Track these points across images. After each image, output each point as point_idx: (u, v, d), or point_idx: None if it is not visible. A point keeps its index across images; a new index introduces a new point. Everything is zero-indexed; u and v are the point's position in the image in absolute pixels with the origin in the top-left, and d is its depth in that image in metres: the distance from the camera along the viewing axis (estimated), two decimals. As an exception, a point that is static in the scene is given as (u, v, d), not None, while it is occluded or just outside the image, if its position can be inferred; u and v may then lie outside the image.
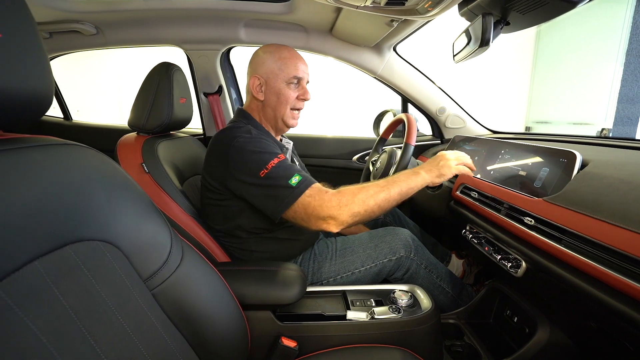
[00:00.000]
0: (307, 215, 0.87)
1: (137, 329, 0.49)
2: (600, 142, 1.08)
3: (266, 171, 0.88)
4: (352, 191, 0.89)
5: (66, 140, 0.51)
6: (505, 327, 1.07)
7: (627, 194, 0.63)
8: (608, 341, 0.70)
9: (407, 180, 0.93)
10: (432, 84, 1.66)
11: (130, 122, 1.11)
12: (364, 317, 0.85)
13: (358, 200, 0.87)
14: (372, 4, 0.88)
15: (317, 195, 0.87)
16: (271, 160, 0.90)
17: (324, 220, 0.87)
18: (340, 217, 0.86)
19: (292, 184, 0.88)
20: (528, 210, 0.81)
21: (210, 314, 0.62)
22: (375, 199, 0.88)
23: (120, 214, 0.51)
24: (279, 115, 1.06)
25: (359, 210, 0.87)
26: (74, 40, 1.56)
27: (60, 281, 0.41)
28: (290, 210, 0.88)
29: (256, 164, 0.90)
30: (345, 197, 0.87)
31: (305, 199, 0.87)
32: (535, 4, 0.73)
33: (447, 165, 0.97)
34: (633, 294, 0.55)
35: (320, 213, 0.86)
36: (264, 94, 1.05)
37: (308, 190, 0.88)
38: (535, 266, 0.78)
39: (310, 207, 0.86)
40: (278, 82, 1.03)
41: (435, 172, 0.96)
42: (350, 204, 0.86)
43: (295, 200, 0.87)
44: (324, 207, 0.86)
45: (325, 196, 0.87)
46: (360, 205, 0.87)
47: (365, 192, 0.88)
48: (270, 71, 1.03)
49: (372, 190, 0.89)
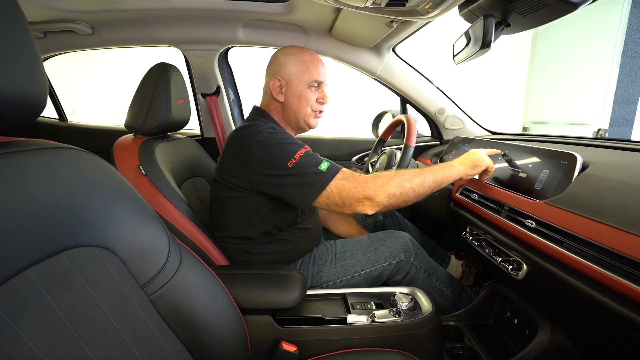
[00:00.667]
0: (342, 198, 0.86)
1: (134, 336, 0.47)
2: (599, 144, 1.08)
3: (294, 161, 0.87)
4: (388, 175, 0.88)
5: (61, 143, 0.50)
6: (505, 329, 1.07)
7: (628, 196, 0.63)
8: (610, 344, 0.69)
9: (442, 169, 0.94)
10: (431, 85, 1.65)
11: (127, 123, 1.10)
12: (365, 321, 0.85)
13: (394, 182, 0.86)
14: (372, 5, 0.88)
15: (351, 178, 0.87)
16: (298, 150, 0.89)
17: (360, 201, 0.86)
18: (377, 198, 0.85)
19: (322, 169, 0.87)
20: (529, 213, 0.80)
21: (209, 319, 0.61)
22: (410, 182, 0.88)
23: (117, 219, 0.50)
24: (300, 116, 1.06)
25: (395, 192, 0.86)
26: (69, 40, 1.54)
27: (54, 289, 0.40)
28: (322, 196, 0.87)
29: (283, 155, 0.89)
30: (381, 178, 0.87)
31: (339, 182, 0.86)
32: (536, 5, 0.72)
33: (480, 158, 0.98)
34: (635, 296, 0.55)
35: (356, 194, 0.85)
36: (284, 95, 1.04)
37: (340, 174, 0.87)
38: (536, 269, 0.78)
39: (345, 190, 0.86)
40: (300, 85, 1.03)
41: (470, 164, 0.97)
42: (387, 185, 0.85)
43: (328, 184, 0.86)
44: (359, 188, 0.85)
45: (359, 178, 0.87)
46: (396, 187, 0.86)
47: (400, 176, 0.88)
48: (292, 73, 1.03)
49: (407, 175, 0.89)
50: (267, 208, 0.99)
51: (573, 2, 0.67)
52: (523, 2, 0.74)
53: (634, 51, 4.49)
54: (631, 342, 0.61)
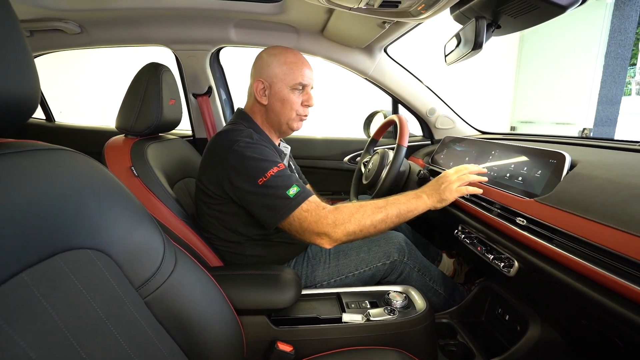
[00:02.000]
0: (302, 229, 0.87)
1: (129, 338, 0.47)
2: (585, 143, 1.10)
3: (265, 179, 0.87)
4: (350, 210, 0.88)
5: (53, 144, 0.49)
6: (497, 325, 1.09)
7: (616, 194, 0.65)
8: (599, 338, 0.71)
9: (408, 203, 0.92)
10: (422, 85, 1.67)
11: (118, 124, 1.08)
12: (360, 320, 0.85)
13: (354, 219, 0.86)
14: (365, 6, 0.88)
15: (314, 211, 0.86)
16: (270, 169, 0.88)
17: (319, 235, 0.86)
18: (335, 235, 0.86)
19: (290, 195, 0.86)
20: (520, 211, 0.82)
21: (204, 320, 0.61)
22: (372, 219, 0.87)
23: (111, 221, 0.49)
24: (283, 120, 1.04)
25: (354, 230, 0.86)
26: (57, 39, 1.51)
27: (49, 293, 0.40)
28: (285, 222, 0.87)
29: (255, 171, 0.88)
30: (342, 215, 0.86)
31: (302, 213, 0.86)
32: (526, 8, 0.74)
33: (448, 189, 0.94)
34: (624, 292, 0.56)
35: (315, 229, 0.86)
36: (267, 98, 1.02)
37: (305, 204, 0.87)
38: (527, 266, 0.79)
39: (306, 222, 0.86)
40: (283, 88, 1.00)
41: (437, 197, 0.94)
42: (347, 223, 0.86)
43: (292, 212, 0.86)
44: (319, 223, 0.85)
45: (322, 212, 0.86)
46: (356, 225, 0.86)
47: (362, 212, 0.88)
48: (275, 75, 1.00)
49: (369, 210, 0.88)
50: (245, 215, 0.98)
51: (561, 5, 0.69)
52: (513, 4, 0.75)
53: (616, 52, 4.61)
54: (619, 335, 0.63)
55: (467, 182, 0.96)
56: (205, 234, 1.05)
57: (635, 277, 0.54)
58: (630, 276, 0.55)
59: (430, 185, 0.98)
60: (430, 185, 0.98)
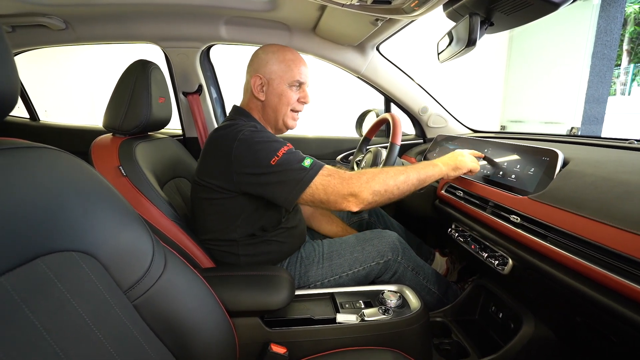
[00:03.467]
0: (327, 194, 0.86)
1: (117, 344, 0.45)
2: (576, 141, 1.11)
3: (277, 158, 0.87)
4: (372, 171, 0.90)
5: (35, 142, 0.47)
6: (491, 323, 1.09)
7: (609, 191, 0.65)
8: (592, 334, 0.71)
9: (426, 168, 0.96)
10: (415, 84, 1.67)
11: (105, 122, 1.05)
12: (354, 320, 0.84)
13: (379, 179, 0.88)
14: (358, 2, 0.87)
15: (335, 174, 0.87)
16: (281, 148, 0.88)
17: (345, 198, 0.86)
18: (362, 194, 0.86)
19: (306, 165, 0.87)
20: (514, 209, 0.82)
21: (195, 323, 0.59)
22: (395, 180, 0.89)
23: (97, 222, 0.47)
24: (279, 115, 1.05)
25: (379, 189, 0.87)
26: (41, 35, 1.47)
27: (30, 298, 0.38)
28: (306, 193, 0.86)
29: (266, 152, 0.88)
30: (366, 175, 0.88)
31: (324, 179, 0.86)
32: (519, 5, 0.74)
33: (463, 160, 1.00)
34: (617, 288, 0.56)
35: (341, 191, 0.86)
36: (265, 94, 1.03)
37: (324, 170, 0.88)
38: (521, 263, 0.80)
39: (330, 186, 0.86)
40: (281, 84, 1.02)
41: (452, 165, 0.99)
42: (371, 182, 0.87)
43: (312, 180, 0.86)
44: (344, 184, 0.86)
45: (344, 174, 0.88)
46: (380, 184, 0.88)
47: (385, 173, 0.90)
48: (274, 72, 1.02)
49: (392, 172, 0.91)
50: (250, 209, 0.97)
51: (554, 2, 0.69)
52: (507, 1, 0.75)
53: (602, 53, 4.70)
54: (613, 331, 0.63)
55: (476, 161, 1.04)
56: (200, 234, 1.03)
57: (630, 274, 0.54)
58: (625, 273, 0.55)
59: (445, 156, 1.03)
60: (445, 156, 1.03)
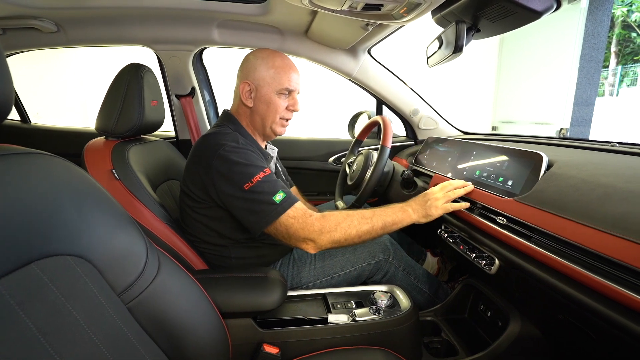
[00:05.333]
0: (289, 234, 0.88)
1: (111, 346, 0.46)
2: (562, 143, 1.14)
3: (251, 185, 0.87)
4: (337, 218, 0.89)
5: (28, 148, 0.47)
6: (479, 321, 1.11)
7: (589, 193, 0.68)
8: (574, 331, 0.74)
9: (394, 215, 0.94)
10: (406, 87, 1.69)
11: (98, 125, 1.06)
12: (345, 320, 0.86)
13: (340, 228, 0.88)
14: (348, 8, 0.89)
15: (300, 217, 0.88)
16: (257, 174, 0.88)
17: (304, 241, 0.88)
18: (320, 242, 0.88)
19: (277, 200, 0.87)
20: (500, 210, 0.84)
21: (189, 325, 0.60)
22: (357, 229, 0.89)
23: (91, 226, 0.48)
24: (267, 123, 1.04)
25: (339, 239, 0.88)
26: (32, 38, 1.46)
27: (25, 302, 0.39)
28: (271, 227, 0.88)
29: (241, 176, 0.88)
30: (329, 223, 0.88)
31: (289, 219, 0.87)
32: (504, 12, 0.76)
33: (434, 206, 0.96)
34: (596, 287, 0.59)
35: (301, 235, 0.87)
36: (253, 100, 1.02)
37: (291, 210, 0.88)
38: (507, 263, 0.82)
39: (293, 228, 0.87)
40: (269, 91, 1.01)
41: (422, 212, 0.96)
42: (332, 231, 0.88)
43: (278, 217, 0.87)
44: (305, 230, 0.87)
45: (308, 220, 0.88)
46: (341, 234, 0.88)
47: (349, 221, 0.89)
48: (262, 78, 1.00)
49: (356, 221, 0.90)
50: (231, 219, 0.97)
51: (537, 10, 0.72)
52: (492, 9, 0.77)
53: (590, 55, 4.79)
54: (592, 328, 0.65)
55: (452, 198, 0.98)
56: (190, 237, 1.03)
57: (607, 274, 0.57)
58: (603, 272, 0.57)
59: (416, 200, 0.99)
60: (416, 200, 0.99)
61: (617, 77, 13.60)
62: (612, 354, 0.65)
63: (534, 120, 5.43)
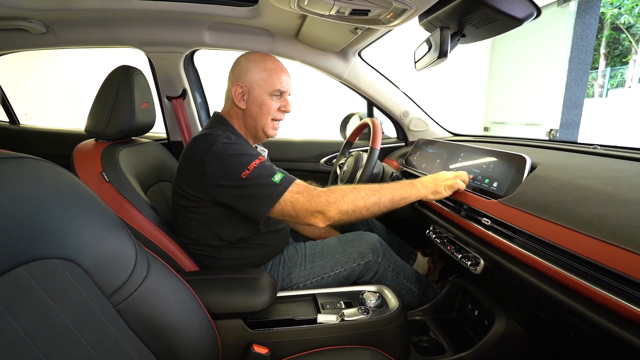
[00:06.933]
0: (296, 210, 0.88)
1: (100, 348, 0.47)
2: (547, 145, 1.17)
3: (248, 172, 0.88)
4: (343, 190, 0.90)
5: (16, 152, 0.48)
6: (467, 320, 1.14)
7: (568, 195, 0.70)
8: (554, 329, 0.76)
9: (402, 189, 0.94)
10: (396, 89, 1.71)
11: (88, 127, 1.05)
12: (334, 320, 0.87)
13: (348, 199, 0.89)
14: (336, 13, 0.90)
15: (305, 191, 0.88)
16: (252, 162, 0.89)
17: (313, 214, 0.88)
18: (329, 213, 0.87)
19: (276, 181, 0.88)
20: (485, 212, 0.86)
21: (178, 326, 0.60)
22: (365, 200, 0.90)
23: (79, 229, 0.49)
24: (259, 125, 1.05)
25: (347, 209, 0.88)
26: (20, 39, 1.45)
27: (12, 305, 0.39)
28: (276, 208, 0.88)
29: (236, 166, 0.89)
30: (335, 194, 0.89)
31: (293, 195, 0.88)
32: (487, 20, 0.78)
33: (444, 184, 0.96)
34: (574, 287, 0.61)
35: (309, 208, 0.87)
36: (245, 102, 1.03)
37: (294, 186, 0.88)
38: (492, 264, 0.84)
39: (299, 203, 0.87)
40: (261, 93, 1.02)
41: (432, 188, 0.96)
42: (339, 202, 0.88)
43: (281, 195, 0.87)
44: (312, 202, 0.87)
45: (313, 192, 0.88)
46: (349, 204, 0.88)
47: (356, 193, 0.90)
48: (254, 81, 1.02)
49: (363, 192, 0.90)
50: (225, 217, 0.98)
51: (518, 17, 0.74)
52: (475, 16, 0.79)
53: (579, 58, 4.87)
54: (571, 326, 0.68)
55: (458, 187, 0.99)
56: (182, 238, 1.04)
57: (585, 274, 0.59)
58: (581, 273, 0.59)
59: (427, 177, 1.00)
60: (427, 177, 1.00)
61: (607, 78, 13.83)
62: (591, 352, 0.67)
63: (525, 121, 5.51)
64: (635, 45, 14.20)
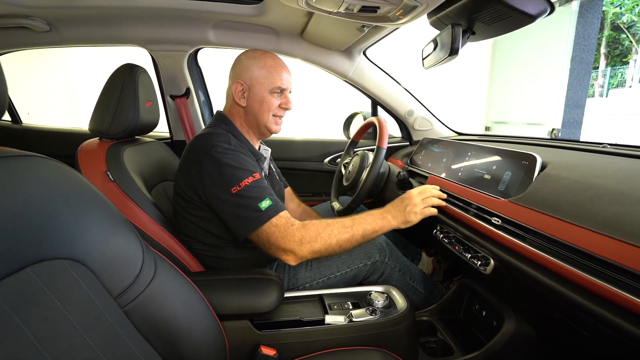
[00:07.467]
0: (269, 243, 0.88)
1: (107, 350, 0.46)
2: (554, 144, 1.16)
3: (238, 188, 0.87)
4: (317, 228, 0.90)
5: (21, 151, 0.47)
6: (474, 321, 1.12)
7: (581, 194, 0.69)
8: (568, 330, 0.75)
9: (374, 223, 0.95)
10: (401, 88, 1.70)
11: (92, 127, 1.04)
12: (342, 321, 0.86)
13: (321, 238, 0.89)
14: (345, 10, 0.89)
15: (282, 227, 0.88)
16: (245, 179, 0.88)
17: (284, 252, 0.89)
18: (300, 253, 0.88)
19: (262, 207, 0.87)
20: (495, 211, 0.85)
21: (186, 328, 0.60)
22: (338, 238, 0.90)
23: (87, 229, 0.48)
24: (261, 122, 1.05)
25: (319, 249, 0.89)
26: (23, 37, 1.44)
27: (21, 307, 0.38)
28: (254, 234, 0.89)
29: (230, 178, 0.88)
30: (309, 233, 0.89)
31: (271, 228, 0.87)
32: (498, 16, 0.77)
33: (413, 212, 0.98)
34: (590, 287, 0.59)
35: (281, 244, 0.88)
36: (246, 100, 1.03)
37: (275, 219, 0.88)
38: (502, 264, 0.83)
39: (274, 237, 0.87)
40: (262, 90, 1.02)
41: (401, 219, 0.98)
42: (313, 242, 0.88)
43: (261, 225, 0.87)
44: (286, 240, 0.87)
45: (289, 229, 0.88)
46: (322, 244, 0.89)
47: (329, 231, 0.90)
48: (254, 78, 1.01)
49: (336, 230, 0.91)
50: (219, 219, 0.97)
51: (531, 14, 0.73)
52: (487, 12, 0.78)
53: (581, 57, 4.86)
54: (585, 326, 0.66)
55: (431, 204, 1.01)
56: (185, 237, 1.03)
57: (601, 274, 0.58)
58: (596, 272, 0.58)
59: (395, 205, 1.00)
60: (395, 205, 1.00)
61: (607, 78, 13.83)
62: (606, 352, 0.66)
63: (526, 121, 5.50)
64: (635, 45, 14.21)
